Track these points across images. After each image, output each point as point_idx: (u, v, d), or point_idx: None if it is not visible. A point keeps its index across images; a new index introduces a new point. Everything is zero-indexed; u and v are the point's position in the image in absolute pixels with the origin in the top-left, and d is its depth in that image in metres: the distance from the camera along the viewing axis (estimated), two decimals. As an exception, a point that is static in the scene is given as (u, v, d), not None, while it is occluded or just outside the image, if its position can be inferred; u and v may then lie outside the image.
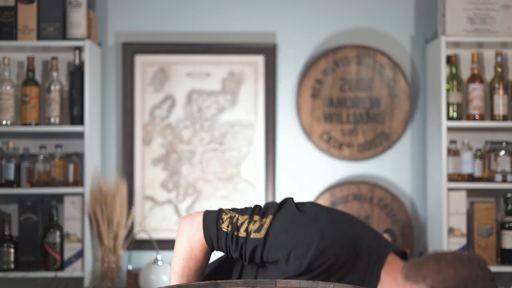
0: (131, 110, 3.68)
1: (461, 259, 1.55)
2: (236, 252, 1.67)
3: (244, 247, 1.66)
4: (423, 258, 1.57)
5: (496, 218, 3.50)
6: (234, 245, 1.66)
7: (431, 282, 1.52)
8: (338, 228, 1.64)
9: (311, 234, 1.61)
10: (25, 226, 3.36)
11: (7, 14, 3.41)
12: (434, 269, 1.54)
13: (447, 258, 1.57)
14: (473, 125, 3.51)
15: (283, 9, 3.75)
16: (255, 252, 1.65)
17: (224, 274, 1.79)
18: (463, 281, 1.51)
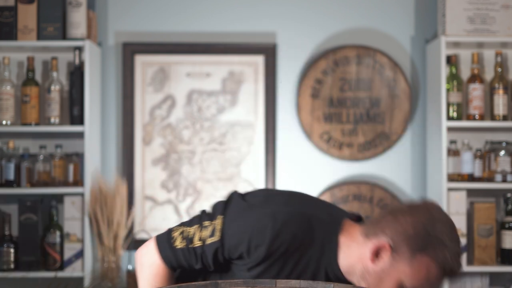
0: (131, 110, 3.68)
1: (416, 207, 1.58)
2: (198, 263, 1.63)
3: (204, 256, 1.62)
4: (379, 216, 1.59)
5: (496, 218, 3.50)
6: (194, 257, 1.63)
7: (391, 233, 1.55)
8: (289, 209, 1.62)
9: (264, 220, 1.59)
10: (25, 226, 3.36)
11: (7, 14, 3.41)
12: (391, 220, 1.57)
13: (402, 209, 1.61)
14: (473, 125, 3.51)
15: (283, 9, 3.75)
16: (217, 255, 1.62)
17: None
18: (421, 226, 1.53)
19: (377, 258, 1.57)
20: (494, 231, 3.45)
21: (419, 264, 1.53)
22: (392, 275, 1.56)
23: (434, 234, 1.54)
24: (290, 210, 1.62)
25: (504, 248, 3.46)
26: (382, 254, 1.56)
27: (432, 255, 1.53)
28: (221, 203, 1.67)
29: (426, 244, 1.53)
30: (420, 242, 1.53)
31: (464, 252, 3.45)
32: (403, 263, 1.54)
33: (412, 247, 1.53)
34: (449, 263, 1.53)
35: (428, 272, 1.53)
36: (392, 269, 1.56)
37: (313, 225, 1.62)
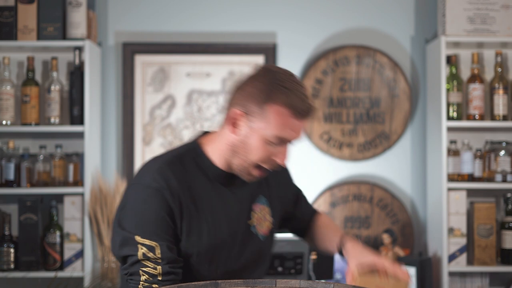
0: (131, 110, 3.68)
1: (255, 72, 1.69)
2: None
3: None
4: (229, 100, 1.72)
5: (496, 218, 3.50)
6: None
7: (239, 100, 1.67)
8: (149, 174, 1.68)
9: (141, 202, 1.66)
10: (25, 226, 3.36)
11: (7, 14, 3.41)
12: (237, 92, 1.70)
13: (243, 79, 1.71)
14: (473, 125, 3.51)
15: (283, 9, 3.75)
16: (169, 252, 1.66)
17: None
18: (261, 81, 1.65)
19: (236, 128, 1.67)
20: (494, 231, 3.46)
21: (270, 114, 1.62)
22: (254, 135, 1.65)
23: (274, 83, 1.63)
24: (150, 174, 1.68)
25: (504, 248, 3.46)
26: (238, 122, 1.67)
27: (278, 101, 1.62)
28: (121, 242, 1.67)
29: (269, 94, 1.62)
30: (263, 95, 1.63)
31: (464, 252, 3.45)
32: (257, 120, 1.64)
33: (258, 102, 1.63)
34: (296, 103, 1.62)
35: (281, 117, 1.62)
36: (252, 130, 1.65)
37: (175, 161, 1.70)
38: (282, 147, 1.67)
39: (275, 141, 1.65)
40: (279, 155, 1.68)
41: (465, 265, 3.45)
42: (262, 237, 1.80)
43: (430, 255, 3.59)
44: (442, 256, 3.43)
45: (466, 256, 3.46)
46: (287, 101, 1.62)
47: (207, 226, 1.71)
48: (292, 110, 1.63)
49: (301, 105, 1.63)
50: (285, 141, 1.66)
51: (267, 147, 1.66)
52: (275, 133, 1.64)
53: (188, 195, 1.69)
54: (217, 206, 1.73)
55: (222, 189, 1.74)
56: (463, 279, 3.51)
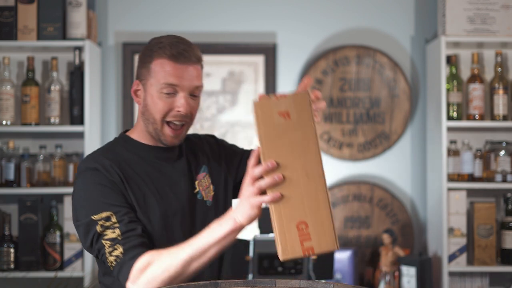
0: (131, 110, 3.68)
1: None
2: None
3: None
4: None
5: (496, 218, 3.50)
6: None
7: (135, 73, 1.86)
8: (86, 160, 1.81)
9: (82, 183, 1.77)
10: (25, 226, 3.36)
11: (7, 14, 3.41)
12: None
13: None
14: (473, 125, 3.51)
15: (283, 9, 3.75)
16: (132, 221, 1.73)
17: None
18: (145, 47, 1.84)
19: (138, 97, 1.83)
20: (494, 231, 3.45)
21: (154, 68, 1.77)
22: (149, 94, 1.78)
23: (153, 43, 1.82)
24: (82, 165, 1.80)
25: (504, 248, 3.46)
26: (137, 91, 1.83)
27: (157, 55, 1.78)
28: (83, 229, 1.73)
29: (150, 54, 1.79)
30: (146, 57, 1.80)
31: (464, 252, 3.45)
32: (148, 80, 1.78)
33: (144, 65, 1.79)
34: (171, 50, 1.78)
35: (163, 66, 1.76)
36: (147, 91, 1.79)
37: (105, 149, 1.83)
38: (178, 96, 1.77)
39: (166, 90, 1.76)
40: (177, 104, 1.77)
41: (465, 265, 3.45)
42: (209, 202, 1.86)
43: (430, 255, 3.59)
44: (442, 256, 3.43)
45: (466, 256, 3.46)
46: (164, 51, 1.78)
47: (154, 196, 1.77)
48: (169, 57, 1.77)
49: (175, 50, 1.78)
50: (176, 88, 1.76)
51: (163, 99, 1.77)
52: (161, 82, 1.76)
53: (125, 172, 1.76)
54: (159, 179, 1.80)
55: (160, 164, 1.82)
56: (463, 279, 3.51)
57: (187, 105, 1.77)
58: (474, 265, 3.44)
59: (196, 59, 1.83)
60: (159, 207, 1.76)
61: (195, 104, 1.81)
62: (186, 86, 1.77)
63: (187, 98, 1.77)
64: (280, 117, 1.47)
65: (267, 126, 1.46)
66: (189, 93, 1.78)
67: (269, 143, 1.46)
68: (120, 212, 1.69)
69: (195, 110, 1.82)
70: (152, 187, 1.78)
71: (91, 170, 1.74)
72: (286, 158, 1.46)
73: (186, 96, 1.77)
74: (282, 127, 1.47)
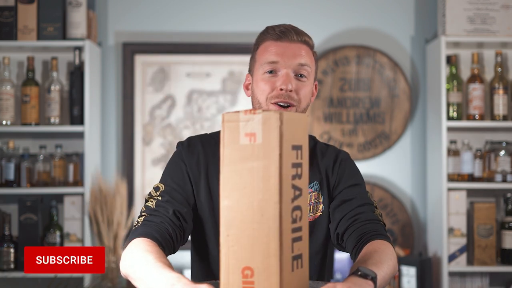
0: (131, 110, 3.68)
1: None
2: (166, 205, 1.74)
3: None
4: None
5: (496, 218, 3.50)
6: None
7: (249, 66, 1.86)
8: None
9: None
10: (25, 226, 3.36)
11: (7, 14, 3.41)
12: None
13: None
14: (473, 125, 3.51)
15: (283, 9, 3.75)
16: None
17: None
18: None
19: (248, 89, 1.82)
20: (494, 231, 3.45)
21: (259, 53, 1.77)
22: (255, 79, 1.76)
23: (259, 34, 1.82)
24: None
25: (504, 248, 3.46)
26: (248, 84, 1.82)
27: (260, 42, 1.78)
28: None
29: (256, 42, 1.81)
30: (254, 48, 1.81)
31: (464, 252, 3.45)
32: (254, 67, 1.78)
33: (252, 56, 1.81)
34: (271, 30, 1.76)
35: (264, 48, 1.76)
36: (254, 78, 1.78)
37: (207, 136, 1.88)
38: (280, 74, 1.72)
39: (268, 68, 1.72)
40: (278, 82, 1.71)
41: (465, 265, 3.45)
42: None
43: (430, 255, 3.59)
44: (442, 256, 3.43)
45: (466, 256, 3.46)
46: (265, 35, 1.77)
47: (212, 196, 1.73)
48: (269, 37, 1.75)
49: (278, 30, 1.74)
50: (277, 66, 1.72)
51: (266, 79, 1.72)
52: (263, 62, 1.73)
53: (209, 160, 1.76)
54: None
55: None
56: (463, 279, 3.51)
57: (288, 82, 1.69)
58: (474, 265, 3.44)
59: (302, 40, 1.74)
60: (210, 210, 1.73)
61: (303, 85, 1.73)
62: (288, 63, 1.71)
63: (288, 75, 1.70)
64: (246, 138, 1.28)
65: (231, 145, 1.28)
66: (293, 71, 1.72)
67: (230, 166, 1.28)
68: (167, 188, 1.74)
69: (304, 92, 1.73)
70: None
71: (180, 145, 1.81)
72: (244, 188, 1.27)
73: (288, 73, 1.71)
74: (246, 150, 1.27)
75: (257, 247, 1.25)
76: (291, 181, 1.28)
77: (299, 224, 1.31)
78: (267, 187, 1.25)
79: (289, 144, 1.27)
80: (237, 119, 1.28)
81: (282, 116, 1.25)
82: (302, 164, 1.32)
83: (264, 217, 1.25)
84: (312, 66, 1.75)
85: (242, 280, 1.26)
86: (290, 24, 1.77)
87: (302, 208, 1.32)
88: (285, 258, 1.25)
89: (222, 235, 1.28)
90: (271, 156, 1.25)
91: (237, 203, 1.27)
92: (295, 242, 1.30)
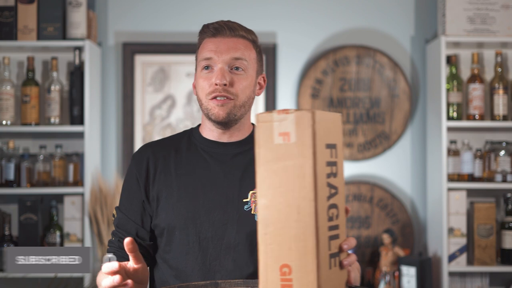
0: (131, 110, 3.68)
1: None
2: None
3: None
4: None
5: (496, 218, 3.50)
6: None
7: None
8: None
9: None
10: (25, 226, 3.36)
11: (7, 14, 3.41)
12: None
13: None
14: (473, 125, 3.51)
15: (283, 9, 3.75)
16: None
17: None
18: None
19: (195, 88, 1.81)
20: (494, 231, 3.45)
21: (199, 51, 1.79)
22: (197, 78, 1.77)
23: (199, 30, 1.80)
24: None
25: (504, 248, 3.46)
26: (194, 83, 1.82)
27: (200, 40, 1.79)
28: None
29: (198, 43, 1.80)
30: (197, 47, 1.81)
31: (464, 252, 3.45)
32: (196, 64, 1.79)
33: (196, 57, 1.81)
34: (206, 28, 1.77)
35: (201, 45, 1.77)
36: (196, 77, 1.78)
37: (163, 139, 1.87)
38: (214, 70, 1.74)
39: (203, 64, 1.74)
40: (214, 77, 1.73)
41: (465, 265, 3.45)
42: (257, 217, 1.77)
43: (430, 255, 3.59)
44: (442, 256, 3.43)
45: (466, 256, 3.46)
46: (202, 34, 1.78)
47: (179, 192, 1.74)
48: (205, 35, 1.77)
49: (209, 27, 1.76)
50: (211, 62, 1.73)
51: (203, 76, 1.74)
52: (200, 59, 1.76)
53: (160, 165, 1.78)
54: (197, 175, 1.76)
55: (207, 161, 1.78)
56: (463, 279, 3.51)
57: (222, 76, 1.71)
58: (474, 265, 3.44)
59: (237, 35, 1.76)
60: (181, 206, 1.73)
61: (238, 79, 1.74)
62: (221, 58, 1.72)
63: (222, 69, 1.72)
64: (280, 137, 1.28)
65: (266, 145, 1.29)
66: (228, 65, 1.73)
67: (266, 165, 1.29)
68: (120, 215, 1.80)
69: (241, 86, 1.74)
70: (186, 183, 1.75)
71: (131, 160, 1.83)
72: (280, 187, 1.28)
73: (221, 68, 1.72)
74: (280, 150, 1.28)
75: (295, 244, 1.26)
76: (326, 179, 1.29)
77: (336, 222, 1.31)
78: (302, 185, 1.25)
79: (323, 143, 1.28)
80: (271, 119, 1.28)
81: (315, 115, 1.26)
82: (337, 162, 1.33)
83: (300, 215, 1.25)
84: (250, 59, 1.76)
85: (280, 277, 1.27)
86: (228, 20, 1.79)
87: (338, 207, 1.32)
88: (322, 256, 1.26)
89: (260, 234, 1.29)
90: (305, 154, 1.25)
91: (273, 201, 1.28)
92: (332, 240, 1.30)
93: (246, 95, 1.75)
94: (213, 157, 1.78)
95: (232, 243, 1.71)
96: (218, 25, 1.76)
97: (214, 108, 1.72)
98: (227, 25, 1.75)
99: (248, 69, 1.75)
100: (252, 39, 1.79)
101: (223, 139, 1.79)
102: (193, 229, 1.71)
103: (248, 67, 1.75)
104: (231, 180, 1.75)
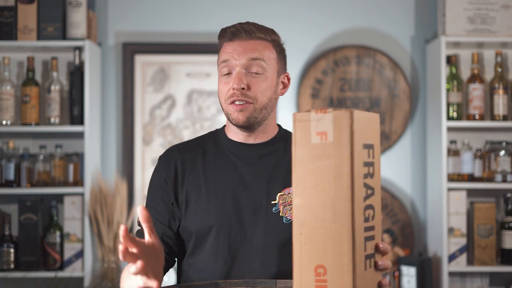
0: (131, 110, 3.68)
1: None
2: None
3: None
4: None
5: (496, 218, 3.50)
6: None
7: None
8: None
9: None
10: (25, 226, 3.36)
11: (7, 14, 3.41)
12: None
13: None
14: (473, 125, 3.51)
15: (283, 9, 3.75)
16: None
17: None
18: None
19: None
20: (494, 231, 3.45)
21: (219, 55, 1.78)
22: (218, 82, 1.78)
23: (218, 35, 1.79)
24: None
25: (504, 248, 3.46)
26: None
27: (219, 42, 1.79)
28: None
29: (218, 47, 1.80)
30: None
31: (464, 252, 3.45)
32: (218, 69, 1.79)
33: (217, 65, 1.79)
34: (225, 31, 1.75)
35: (221, 49, 1.76)
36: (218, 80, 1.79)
37: (188, 141, 1.89)
38: (233, 75, 1.73)
39: (223, 68, 1.73)
40: (232, 81, 1.72)
41: (465, 265, 3.45)
42: (286, 219, 1.73)
43: (430, 255, 3.59)
44: (442, 256, 3.43)
45: (466, 256, 3.46)
46: (220, 38, 1.77)
47: (208, 195, 1.73)
48: (223, 40, 1.76)
49: (227, 31, 1.75)
50: (229, 65, 1.73)
51: (223, 81, 1.74)
52: (219, 64, 1.75)
53: (187, 167, 1.77)
54: (224, 178, 1.75)
55: (242, 168, 1.76)
56: (463, 279, 3.51)
57: (239, 80, 1.70)
58: (474, 265, 3.44)
59: (254, 37, 1.75)
60: (211, 209, 1.72)
61: (257, 81, 1.73)
62: (238, 60, 1.72)
63: (239, 73, 1.71)
64: (317, 137, 1.26)
65: (303, 144, 1.27)
66: (245, 68, 1.72)
67: (302, 165, 1.27)
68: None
69: (259, 88, 1.73)
70: (215, 186, 1.74)
71: (158, 162, 1.82)
72: (316, 187, 1.26)
73: (239, 72, 1.71)
74: (317, 149, 1.26)
75: (330, 245, 1.24)
76: (363, 179, 1.27)
77: (372, 223, 1.29)
78: (339, 185, 1.23)
79: (361, 143, 1.26)
80: (308, 118, 1.27)
81: (353, 115, 1.24)
82: (374, 163, 1.31)
83: (336, 215, 1.23)
84: (269, 59, 1.75)
85: (315, 278, 1.25)
86: (246, 22, 1.78)
87: (374, 208, 1.31)
88: (358, 257, 1.23)
89: (295, 234, 1.27)
90: (342, 154, 1.23)
91: (309, 201, 1.26)
92: (368, 241, 1.28)
93: (267, 97, 1.74)
94: (240, 158, 1.77)
95: (260, 246, 1.70)
96: (235, 28, 1.74)
97: (234, 113, 1.72)
98: (243, 28, 1.74)
99: (268, 70, 1.74)
100: (272, 39, 1.80)
101: (249, 140, 1.79)
102: (223, 231, 1.70)
103: (267, 67, 1.74)
104: (259, 182, 1.74)
